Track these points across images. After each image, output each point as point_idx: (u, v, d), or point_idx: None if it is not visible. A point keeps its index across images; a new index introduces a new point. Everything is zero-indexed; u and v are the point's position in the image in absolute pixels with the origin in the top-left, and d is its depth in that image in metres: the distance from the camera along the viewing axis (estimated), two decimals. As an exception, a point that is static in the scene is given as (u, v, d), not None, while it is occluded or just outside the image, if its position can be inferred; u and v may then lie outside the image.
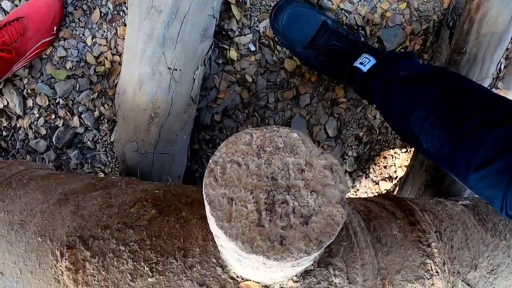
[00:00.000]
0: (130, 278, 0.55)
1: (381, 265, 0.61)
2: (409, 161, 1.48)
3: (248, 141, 0.38)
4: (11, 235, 0.62)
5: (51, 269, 0.58)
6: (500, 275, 0.74)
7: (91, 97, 1.19)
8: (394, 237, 0.66)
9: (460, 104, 0.68)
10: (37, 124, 1.23)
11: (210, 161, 0.37)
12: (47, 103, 1.20)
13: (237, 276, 0.50)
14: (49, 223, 0.63)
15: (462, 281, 0.70)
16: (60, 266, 0.58)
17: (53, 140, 1.25)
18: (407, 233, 0.69)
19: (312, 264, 0.52)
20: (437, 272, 0.66)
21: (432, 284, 0.65)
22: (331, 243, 0.54)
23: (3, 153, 1.33)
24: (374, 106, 1.25)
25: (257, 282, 0.49)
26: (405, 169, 1.47)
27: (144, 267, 0.55)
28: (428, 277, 0.65)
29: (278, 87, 1.19)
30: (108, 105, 1.20)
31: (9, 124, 1.24)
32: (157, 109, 0.84)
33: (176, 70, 0.80)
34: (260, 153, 0.37)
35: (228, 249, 0.35)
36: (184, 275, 0.53)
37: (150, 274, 0.54)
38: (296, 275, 0.50)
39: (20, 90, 1.19)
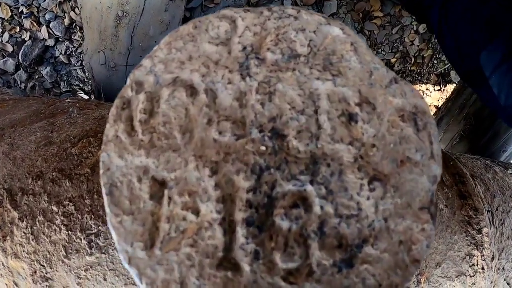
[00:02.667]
0: (64, 254, 0.38)
1: (422, 252, 0.42)
2: (440, 101, 1.28)
3: (224, 36, 0.15)
4: None
5: None
6: None
7: (58, 0, 0.96)
8: (440, 213, 0.47)
9: None
10: (1, 40, 1.05)
11: (127, 80, 0.15)
12: (10, 14, 1.01)
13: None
14: None
15: (504, 280, 0.56)
16: None
17: (20, 57, 1.07)
18: (455, 210, 0.50)
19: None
20: (482, 268, 0.50)
21: (473, 284, 0.49)
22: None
23: None
24: (425, 28, 0.98)
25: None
26: (434, 109, 1.28)
27: (81, 240, 0.37)
28: (472, 274, 0.49)
29: (297, -13, 0.93)
30: (79, 8, 0.96)
31: None
32: (125, 6, 0.59)
33: None
34: (249, 65, 0.14)
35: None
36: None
37: (88, 250, 0.36)
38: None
39: None
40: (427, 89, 1.25)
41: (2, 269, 0.44)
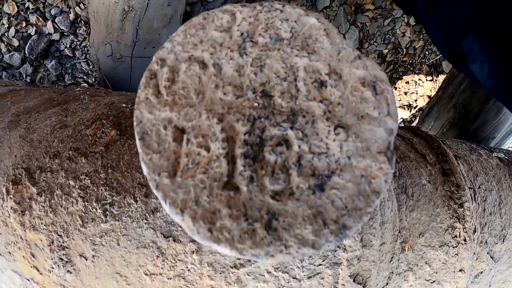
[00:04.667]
0: (81, 223, 0.42)
1: (404, 224, 0.47)
2: (433, 91, 1.31)
3: (227, 25, 0.20)
4: None
5: None
6: None
7: None
8: (422, 188, 0.51)
9: None
10: (8, 35, 1.08)
11: (152, 58, 0.19)
12: (16, 9, 1.03)
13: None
14: None
15: (488, 253, 0.60)
16: (6, 206, 0.47)
17: (26, 51, 1.09)
18: (438, 185, 0.54)
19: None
20: (464, 240, 0.54)
21: (456, 254, 0.53)
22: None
23: None
24: (412, 18, 1.01)
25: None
26: (427, 99, 1.30)
27: (96, 209, 0.41)
28: (454, 245, 0.53)
29: (293, -19, 0.95)
30: (84, 4, 0.99)
31: None
32: (131, 1, 0.63)
33: None
34: (245, 46, 0.19)
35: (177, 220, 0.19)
36: (145, 221, 0.39)
37: (103, 218, 0.41)
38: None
39: None
40: (419, 79, 1.27)
41: (19, 242, 0.48)
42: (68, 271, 0.43)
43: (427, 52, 1.22)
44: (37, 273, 0.48)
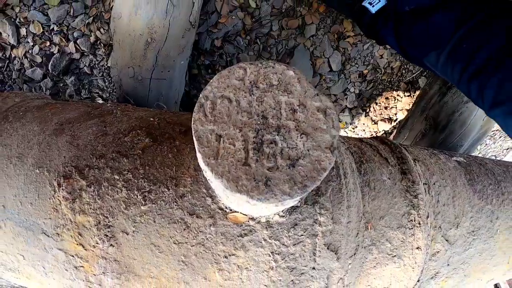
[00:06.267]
0: (124, 206, 0.57)
1: (366, 209, 0.63)
2: (411, 105, 1.45)
3: (241, 76, 0.35)
4: (10, 169, 0.62)
5: (49, 199, 0.59)
6: (479, 238, 0.76)
7: (86, 21, 1.13)
8: (383, 183, 0.67)
9: (465, 39, 0.64)
10: (32, 52, 1.21)
11: (200, 95, 0.35)
12: (41, 30, 1.17)
13: (226, 207, 0.51)
14: (46, 154, 0.63)
15: (442, 236, 0.72)
16: (58, 196, 0.59)
17: (49, 67, 1.23)
18: (396, 181, 0.69)
19: (299, 201, 0.53)
20: (419, 223, 0.68)
21: (413, 235, 0.67)
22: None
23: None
24: (384, 47, 1.18)
25: (245, 214, 0.51)
26: (405, 113, 1.45)
27: (137, 196, 0.56)
28: (410, 227, 0.66)
29: (283, 15, 1.12)
30: (104, 29, 1.14)
31: (4, 55, 1.21)
32: (154, 34, 0.79)
33: (173, -7, 0.73)
34: (252, 89, 0.35)
35: (215, 184, 0.35)
36: (175, 203, 0.54)
37: (143, 202, 0.56)
38: (282, 210, 0.51)
39: (12, 20, 1.14)
40: (398, 95, 1.44)
41: (68, 224, 0.60)
42: (111, 245, 0.58)
43: (404, 71, 1.39)
44: (82, 249, 0.60)
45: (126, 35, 0.83)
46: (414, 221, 0.67)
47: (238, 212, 0.51)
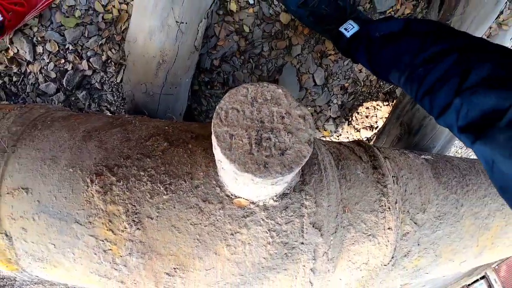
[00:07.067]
0: (149, 196, 0.71)
1: (344, 196, 0.78)
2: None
3: (245, 93, 0.51)
4: (44, 169, 0.69)
5: (83, 193, 0.68)
6: (445, 222, 0.87)
7: (99, 42, 1.27)
8: (357, 176, 0.83)
9: (421, 63, 0.80)
10: (47, 68, 1.31)
11: (217, 107, 0.51)
12: (57, 49, 1.28)
13: (231, 194, 0.66)
14: (78, 156, 0.72)
15: (411, 219, 0.81)
16: (91, 190, 0.68)
17: (63, 82, 1.34)
18: (369, 174, 0.85)
19: (288, 189, 0.68)
20: (389, 208, 0.81)
21: (384, 217, 0.80)
22: (305, 173, 0.71)
23: (13, 97, 1.42)
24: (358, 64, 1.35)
25: (246, 199, 0.66)
26: (385, 120, 1.60)
27: (160, 187, 0.71)
28: (381, 211, 0.79)
29: (273, 37, 1.29)
30: (115, 49, 1.29)
31: (19, 70, 1.32)
32: (165, 57, 0.94)
33: (183, 23, 0.89)
34: (253, 102, 0.51)
35: (228, 169, 0.50)
36: (191, 193, 0.69)
37: (165, 192, 0.70)
38: (276, 195, 0.66)
39: (30, 38, 1.26)
40: (377, 105, 1.60)
41: (100, 213, 0.67)
42: (137, 228, 0.71)
43: (382, 83, 1.55)
44: (111, 234, 0.67)
45: (140, 56, 0.99)
46: (385, 206, 0.80)
47: (241, 197, 0.66)
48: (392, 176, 0.89)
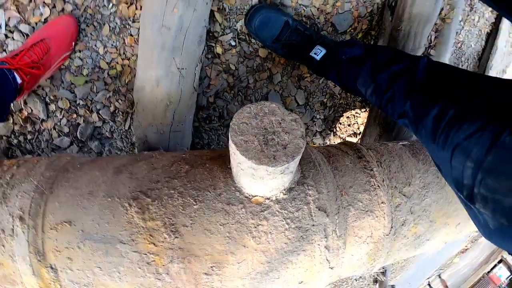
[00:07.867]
0: (182, 208, 0.86)
1: (339, 183, 0.96)
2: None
3: (249, 111, 0.71)
4: (84, 202, 0.76)
5: (123, 216, 0.74)
6: (431, 190, 0.95)
7: (107, 95, 1.45)
8: (346, 166, 1.01)
9: (382, 80, 1.03)
10: (60, 124, 1.44)
11: (230, 124, 0.70)
12: (69, 105, 1.42)
13: (249, 195, 0.84)
14: (113, 187, 0.78)
15: (399, 192, 0.91)
16: (131, 212, 0.74)
17: (77, 135, 1.47)
18: (356, 163, 1.03)
19: (293, 184, 0.86)
20: (378, 186, 0.97)
21: (376, 194, 0.95)
22: (304, 170, 0.89)
23: (27, 154, 1.52)
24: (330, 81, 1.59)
25: (261, 196, 0.83)
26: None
27: (190, 200, 0.87)
28: (373, 190, 0.94)
29: (255, 71, 1.50)
30: (121, 100, 1.47)
31: (33, 128, 1.44)
32: (171, 98, 1.14)
33: (183, 69, 1.10)
34: (256, 116, 0.70)
35: (246, 168, 0.68)
36: (216, 200, 0.85)
37: (195, 203, 0.87)
38: (284, 190, 0.84)
39: (42, 98, 1.40)
40: (356, 113, 1.79)
41: (141, 230, 0.73)
42: (176, 237, 0.85)
43: (355, 92, 1.76)
44: (153, 246, 0.73)
45: (149, 102, 1.18)
46: (375, 185, 0.90)
47: (257, 196, 0.84)
48: (376, 161, 1.07)
